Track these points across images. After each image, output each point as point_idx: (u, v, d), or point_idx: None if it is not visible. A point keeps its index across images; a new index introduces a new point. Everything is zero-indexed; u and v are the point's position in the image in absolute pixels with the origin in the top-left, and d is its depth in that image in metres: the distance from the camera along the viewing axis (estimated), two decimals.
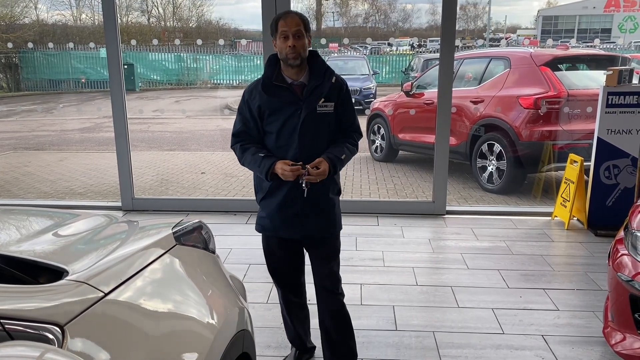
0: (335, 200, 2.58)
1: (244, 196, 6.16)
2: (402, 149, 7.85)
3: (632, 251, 2.67)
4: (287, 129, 2.38)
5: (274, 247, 2.63)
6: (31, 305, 1.29)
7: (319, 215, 2.49)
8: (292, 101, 2.38)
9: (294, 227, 2.49)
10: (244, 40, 11.97)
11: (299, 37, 2.33)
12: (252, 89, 2.46)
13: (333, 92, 2.42)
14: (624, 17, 8.82)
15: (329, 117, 2.43)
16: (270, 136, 2.43)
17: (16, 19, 14.22)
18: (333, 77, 2.44)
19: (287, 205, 2.45)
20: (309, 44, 2.40)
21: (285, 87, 2.39)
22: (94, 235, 1.93)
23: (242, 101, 2.49)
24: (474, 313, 3.37)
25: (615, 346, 2.70)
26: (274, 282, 2.78)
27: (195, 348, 1.57)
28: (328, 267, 2.60)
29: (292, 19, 2.34)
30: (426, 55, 11.32)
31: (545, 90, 5.99)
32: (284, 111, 2.38)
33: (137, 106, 11.43)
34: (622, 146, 4.71)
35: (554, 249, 4.45)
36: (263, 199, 2.52)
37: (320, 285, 2.63)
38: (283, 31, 2.32)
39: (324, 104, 2.40)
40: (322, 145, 2.43)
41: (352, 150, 2.52)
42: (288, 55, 2.33)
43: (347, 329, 2.67)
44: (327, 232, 2.55)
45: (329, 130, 2.46)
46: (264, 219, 2.56)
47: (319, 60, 2.46)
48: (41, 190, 6.81)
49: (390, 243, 4.55)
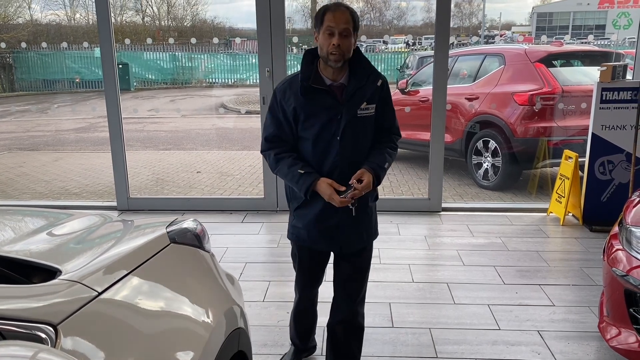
0: (374, 208, 2.44)
1: (239, 195, 6.15)
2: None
3: (627, 246, 2.68)
4: (326, 135, 2.20)
5: (305, 257, 2.49)
6: (24, 305, 1.28)
7: (359, 226, 2.33)
8: (331, 105, 2.18)
9: (333, 240, 2.34)
10: (238, 38, 11.93)
11: (346, 35, 2.11)
12: (285, 88, 2.24)
13: (375, 94, 2.24)
14: (618, 14, 8.82)
15: (370, 120, 2.26)
16: (307, 142, 2.24)
17: (9, 19, 14.15)
18: (379, 80, 2.25)
19: (326, 218, 2.28)
20: (355, 44, 2.18)
21: (324, 90, 2.19)
22: (87, 234, 1.92)
23: (275, 101, 2.27)
24: (470, 309, 3.38)
25: (611, 341, 2.71)
26: (296, 287, 2.65)
27: (190, 347, 1.57)
28: (360, 278, 2.45)
29: (342, 13, 2.10)
30: (421, 52, 11.31)
31: (540, 86, 6.01)
32: (322, 116, 2.18)
33: (132, 105, 11.38)
34: (616, 142, 4.73)
35: (550, 245, 4.46)
36: (298, 207, 2.35)
37: (345, 294, 2.46)
38: (329, 26, 2.10)
39: (365, 107, 2.21)
40: (363, 150, 2.27)
41: (393, 156, 2.35)
42: (330, 55, 2.12)
43: (356, 339, 2.54)
44: (366, 242, 2.41)
45: (369, 134, 2.29)
46: (299, 230, 2.38)
47: (363, 60, 2.24)
48: (36, 191, 6.78)
49: (386, 240, 4.55)
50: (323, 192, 2.20)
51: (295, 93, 2.20)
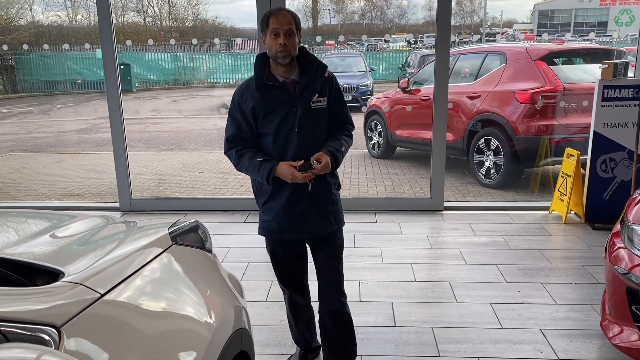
0: (338, 196, 2.58)
1: (241, 195, 6.16)
2: (400, 145, 7.86)
3: (629, 244, 2.68)
4: (284, 128, 2.36)
5: (279, 250, 2.60)
6: (27, 307, 1.29)
7: (325, 213, 2.48)
8: (286, 100, 2.36)
9: (301, 227, 2.47)
10: (239, 38, 11.94)
11: (290, 35, 2.29)
12: (242, 90, 2.42)
13: (325, 87, 2.42)
14: (620, 10, 8.81)
15: (323, 112, 2.43)
16: (267, 137, 2.40)
17: (11, 20, 14.18)
18: (326, 72, 2.43)
19: (292, 206, 2.43)
20: (299, 43, 2.37)
21: (278, 86, 2.37)
22: (90, 236, 1.93)
23: (233, 104, 2.45)
24: (473, 308, 3.38)
25: (613, 339, 2.70)
26: (281, 284, 2.74)
27: (192, 347, 1.58)
28: (334, 264, 2.58)
29: (284, 16, 2.30)
30: (423, 51, 11.30)
31: (541, 84, 6.00)
32: (279, 110, 2.36)
33: (134, 106, 11.41)
34: (618, 139, 4.72)
35: (552, 243, 4.46)
36: (266, 202, 2.48)
37: (325, 284, 2.60)
38: (274, 28, 2.28)
39: (317, 100, 2.39)
40: (320, 141, 2.42)
41: (348, 142, 2.51)
42: (278, 54, 2.29)
43: (347, 330, 2.65)
44: (334, 228, 2.54)
45: (324, 125, 2.46)
46: (269, 223, 2.51)
47: (309, 56, 2.43)
48: (39, 192, 6.81)
49: (388, 239, 4.56)
50: (284, 174, 2.32)
51: (253, 92, 2.37)
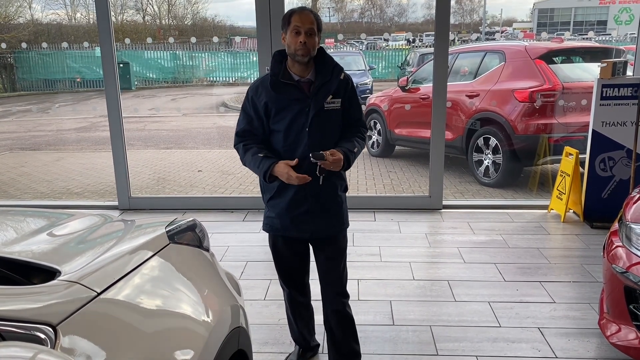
0: (343, 198, 2.57)
1: (240, 193, 6.15)
2: (399, 144, 7.86)
3: (627, 243, 2.68)
4: (296, 126, 2.36)
5: (281, 247, 2.61)
6: (23, 305, 1.29)
7: (328, 214, 2.49)
8: (299, 98, 2.35)
9: (304, 226, 2.47)
10: (238, 37, 11.93)
11: (311, 34, 2.30)
12: (257, 86, 2.43)
13: (340, 89, 2.41)
14: (619, 9, 8.80)
15: (336, 113, 2.43)
16: (278, 134, 2.41)
17: (10, 18, 14.16)
18: (342, 74, 2.42)
19: (297, 205, 2.43)
20: (318, 44, 2.38)
21: (293, 85, 2.37)
22: (88, 235, 1.93)
23: (247, 99, 2.45)
24: (471, 307, 3.39)
25: (611, 337, 2.71)
26: (281, 282, 2.74)
27: (189, 346, 1.57)
28: (335, 266, 2.58)
29: (307, 15, 2.31)
30: (422, 50, 11.29)
31: (540, 83, 6.00)
32: (292, 109, 2.35)
33: (133, 105, 11.40)
34: (617, 138, 4.72)
35: (550, 242, 4.46)
36: (271, 198, 2.49)
37: (326, 284, 2.61)
38: (296, 26, 2.29)
39: (331, 101, 2.38)
40: (330, 142, 2.41)
41: (361, 144, 2.51)
42: (297, 52, 2.30)
43: (350, 330, 2.65)
44: (336, 230, 2.54)
45: (337, 126, 2.45)
46: (272, 219, 2.53)
47: (327, 57, 2.43)
48: (38, 191, 6.80)
49: (387, 238, 4.56)
50: (280, 173, 2.33)
51: (267, 88, 2.37)
